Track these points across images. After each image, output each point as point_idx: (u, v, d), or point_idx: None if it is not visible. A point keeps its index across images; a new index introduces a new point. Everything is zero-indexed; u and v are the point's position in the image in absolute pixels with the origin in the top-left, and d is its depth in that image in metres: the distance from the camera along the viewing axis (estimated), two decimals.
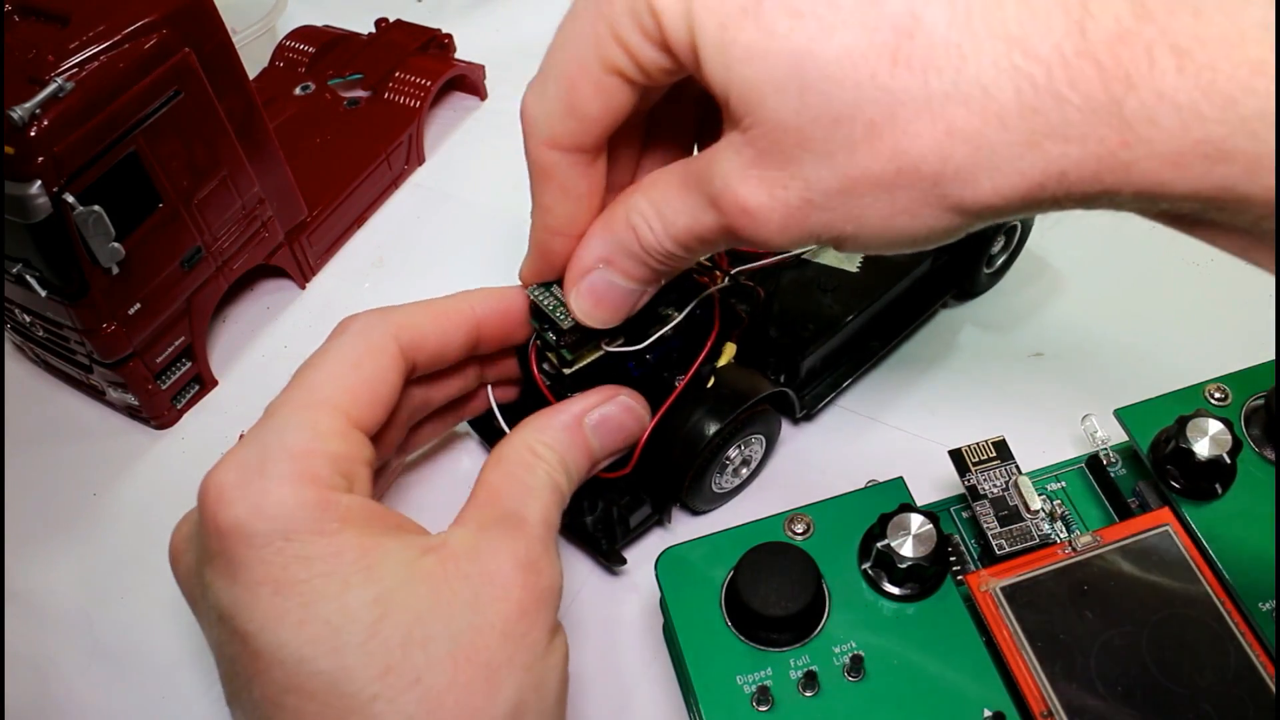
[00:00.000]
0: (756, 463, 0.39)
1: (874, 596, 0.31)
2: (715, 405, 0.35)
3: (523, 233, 0.49)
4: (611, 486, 0.37)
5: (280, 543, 0.25)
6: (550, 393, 0.35)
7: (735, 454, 0.37)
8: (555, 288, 0.32)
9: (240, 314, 0.48)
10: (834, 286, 0.40)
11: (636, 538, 0.38)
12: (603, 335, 0.33)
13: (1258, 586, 0.30)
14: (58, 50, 0.34)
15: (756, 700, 0.29)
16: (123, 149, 0.36)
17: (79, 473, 0.42)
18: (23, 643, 0.37)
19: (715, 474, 0.37)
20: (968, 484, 0.34)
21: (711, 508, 0.39)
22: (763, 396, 0.36)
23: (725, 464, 0.37)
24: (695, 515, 0.39)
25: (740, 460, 0.38)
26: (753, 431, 0.37)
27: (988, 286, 0.45)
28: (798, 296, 0.40)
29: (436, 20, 0.58)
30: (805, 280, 0.41)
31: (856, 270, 0.41)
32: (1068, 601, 0.30)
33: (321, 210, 0.48)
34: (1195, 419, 0.33)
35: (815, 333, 0.39)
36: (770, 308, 0.39)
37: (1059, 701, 0.28)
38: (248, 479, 0.25)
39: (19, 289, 0.37)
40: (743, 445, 0.37)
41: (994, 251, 0.44)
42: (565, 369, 0.33)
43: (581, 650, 0.36)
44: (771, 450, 0.40)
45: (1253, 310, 0.43)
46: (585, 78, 0.27)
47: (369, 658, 0.24)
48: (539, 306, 0.32)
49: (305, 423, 0.27)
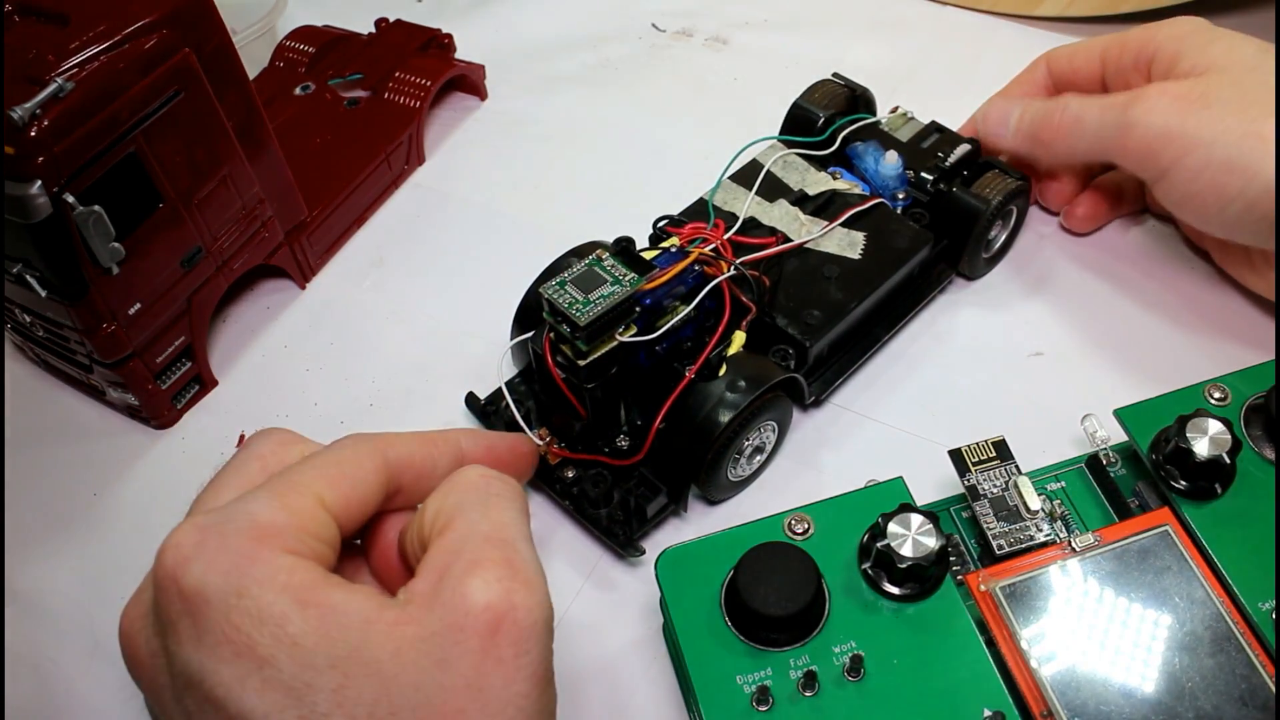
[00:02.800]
0: (770, 450, 0.39)
1: (874, 596, 0.31)
2: (728, 393, 0.35)
3: (522, 232, 0.49)
4: (627, 476, 0.37)
5: (233, 599, 0.24)
6: (565, 384, 0.36)
7: (749, 441, 0.37)
8: (570, 285, 0.34)
9: (240, 314, 0.48)
10: (837, 274, 0.41)
11: (654, 528, 0.38)
12: (615, 327, 0.34)
13: (1258, 586, 0.30)
14: (58, 50, 0.34)
15: (756, 700, 0.29)
16: (123, 149, 0.36)
17: (79, 473, 0.42)
18: (23, 643, 0.37)
19: (730, 462, 0.37)
20: (967, 484, 0.34)
21: (727, 496, 0.39)
22: (774, 383, 0.36)
23: (740, 451, 0.37)
24: (711, 505, 0.39)
25: (754, 448, 0.38)
26: (766, 419, 0.37)
27: (986, 270, 0.46)
28: (802, 284, 0.40)
29: (436, 20, 0.58)
30: (809, 268, 0.41)
31: (859, 257, 0.41)
32: (1066, 601, 0.30)
33: (321, 210, 0.48)
34: (1195, 419, 0.33)
35: (823, 319, 0.39)
36: (776, 296, 0.40)
37: (1059, 701, 0.29)
38: (205, 538, 0.25)
39: (19, 289, 0.37)
40: (757, 432, 0.37)
41: (991, 235, 0.44)
42: (580, 360, 0.34)
43: (581, 650, 0.36)
44: (784, 437, 0.40)
45: (1253, 310, 0.43)
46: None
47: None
48: (555, 304, 0.34)
49: (275, 497, 0.26)
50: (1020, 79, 0.47)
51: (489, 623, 0.25)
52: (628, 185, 0.52)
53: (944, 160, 0.44)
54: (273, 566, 0.24)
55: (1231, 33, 0.40)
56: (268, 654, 0.23)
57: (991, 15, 0.59)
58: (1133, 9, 0.55)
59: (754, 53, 0.59)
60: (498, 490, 0.28)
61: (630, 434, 0.38)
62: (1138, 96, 0.39)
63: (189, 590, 0.24)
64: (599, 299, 0.34)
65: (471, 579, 0.25)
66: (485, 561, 0.25)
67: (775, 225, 0.42)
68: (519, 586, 0.25)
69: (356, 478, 0.28)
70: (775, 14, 0.62)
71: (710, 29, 0.61)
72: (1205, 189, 0.38)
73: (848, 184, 0.44)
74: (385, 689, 0.24)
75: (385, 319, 0.47)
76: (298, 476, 0.27)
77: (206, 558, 0.24)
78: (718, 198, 0.43)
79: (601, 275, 0.34)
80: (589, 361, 0.34)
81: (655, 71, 0.59)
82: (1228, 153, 0.37)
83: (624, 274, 0.35)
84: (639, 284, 0.34)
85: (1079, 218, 0.46)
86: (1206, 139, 0.37)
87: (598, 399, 0.36)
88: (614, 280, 0.34)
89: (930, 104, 0.47)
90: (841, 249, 0.41)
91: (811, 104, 0.46)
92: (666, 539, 0.37)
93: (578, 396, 0.36)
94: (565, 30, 0.62)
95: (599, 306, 0.33)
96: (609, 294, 0.34)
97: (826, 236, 0.41)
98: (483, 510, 0.27)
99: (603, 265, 0.35)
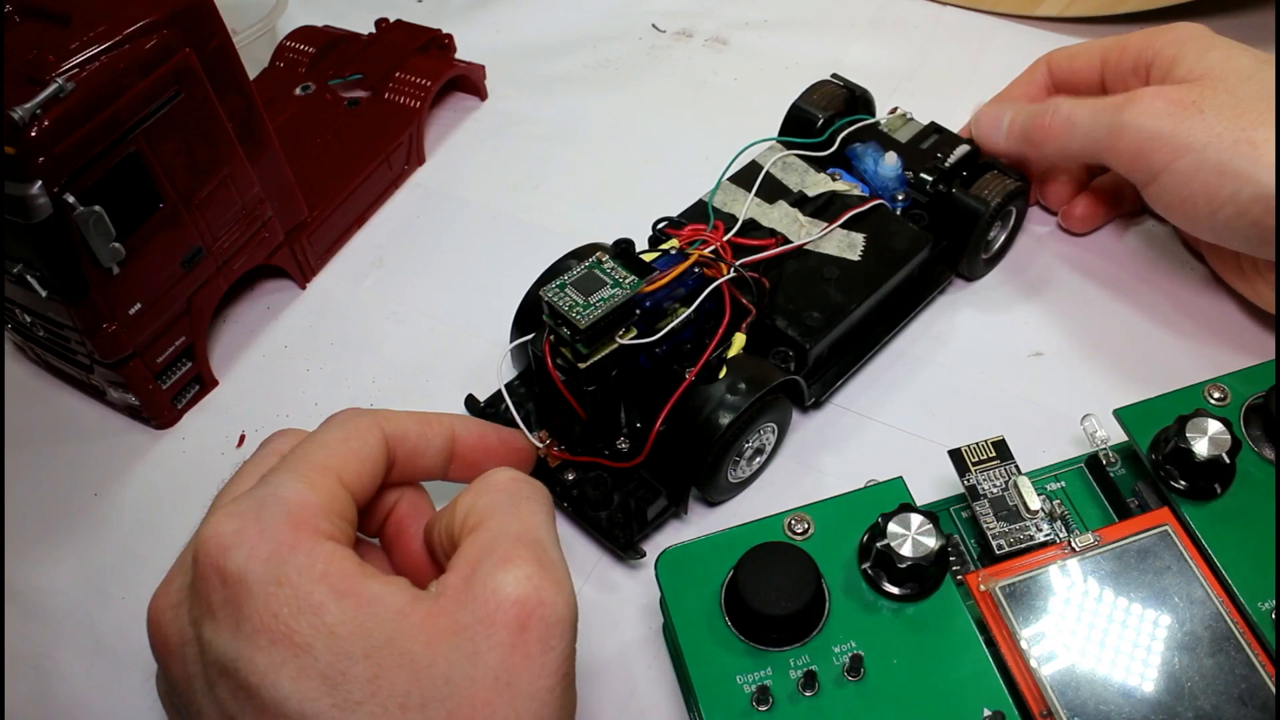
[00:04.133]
0: (770, 451, 0.39)
1: (874, 596, 0.31)
2: (729, 396, 0.36)
3: (522, 232, 0.49)
4: (627, 478, 0.37)
5: (273, 588, 0.24)
6: (565, 386, 0.36)
7: (750, 443, 0.37)
8: (569, 288, 0.34)
9: (240, 314, 0.48)
10: (836, 275, 0.41)
11: (654, 530, 0.38)
12: (615, 330, 0.34)
13: (1257, 586, 0.30)
14: (58, 50, 0.34)
15: (756, 700, 0.29)
16: (123, 149, 0.36)
17: (79, 473, 0.42)
18: (23, 642, 0.37)
19: (730, 464, 0.37)
20: (967, 484, 0.34)
21: (727, 498, 0.39)
22: (774, 385, 0.36)
23: (740, 453, 0.37)
24: (711, 506, 0.39)
25: (754, 450, 0.38)
26: (766, 420, 0.37)
27: (985, 272, 0.46)
28: (802, 286, 0.40)
29: (436, 20, 0.58)
30: (808, 270, 0.41)
31: (859, 259, 0.41)
32: (1066, 601, 0.31)
33: (321, 210, 0.48)
34: (1195, 419, 0.33)
35: (822, 321, 0.39)
36: (775, 298, 0.40)
37: (1058, 701, 0.29)
38: (244, 525, 0.25)
39: (19, 289, 0.37)
40: (757, 434, 0.37)
41: (990, 236, 0.44)
42: (580, 363, 0.34)
43: (581, 650, 0.35)
44: (784, 438, 0.40)
45: (1253, 310, 0.43)
46: None
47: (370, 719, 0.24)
48: (555, 307, 0.34)
49: (299, 478, 0.27)
50: (1021, 79, 0.47)
51: (518, 617, 0.25)
52: (628, 185, 0.52)
53: (943, 161, 0.44)
54: (311, 555, 0.25)
55: (1231, 41, 0.40)
56: (305, 642, 0.24)
57: (991, 15, 0.59)
58: (1133, 9, 0.55)
59: (754, 53, 0.59)
60: (528, 493, 0.29)
61: (630, 436, 0.38)
62: (1131, 99, 0.39)
63: (231, 577, 0.25)
64: (599, 302, 0.34)
65: (503, 574, 0.26)
66: (516, 558, 0.26)
67: (775, 227, 0.42)
68: (547, 584, 0.26)
69: (364, 454, 0.29)
70: (775, 14, 0.62)
71: (710, 29, 0.61)
72: (1196, 193, 0.38)
73: (847, 185, 0.44)
74: (417, 680, 0.24)
75: (385, 319, 0.47)
76: (315, 456, 0.28)
77: (248, 545, 0.25)
78: (717, 199, 0.43)
79: (601, 278, 0.34)
80: (589, 364, 0.34)
81: (655, 72, 0.59)
82: (1220, 158, 0.37)
83: (624, 276, 0.34)
84: (639, 286, 0.34)
85: (1077, 218, 0.47)
86: (1199, 144, 0.37)
87: (598, 401, 0.36)
88: (614, 283, 0.34)
89: (930, 105, 0.47)
90: (841, 250, 0.41)
91: (811, 105, 0.46)
92: (667, 540, 0.37)
93: (578, 399, 0.36)
94: (565, 30, 0.62)
95: (599, 309, 0.33)
96: (609, 297, 0.34)
97: (826, 238, 0.41)
98: (514, 511, 0.28)
99: (603, 268, 0.35)
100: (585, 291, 0.34)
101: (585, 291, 0.34)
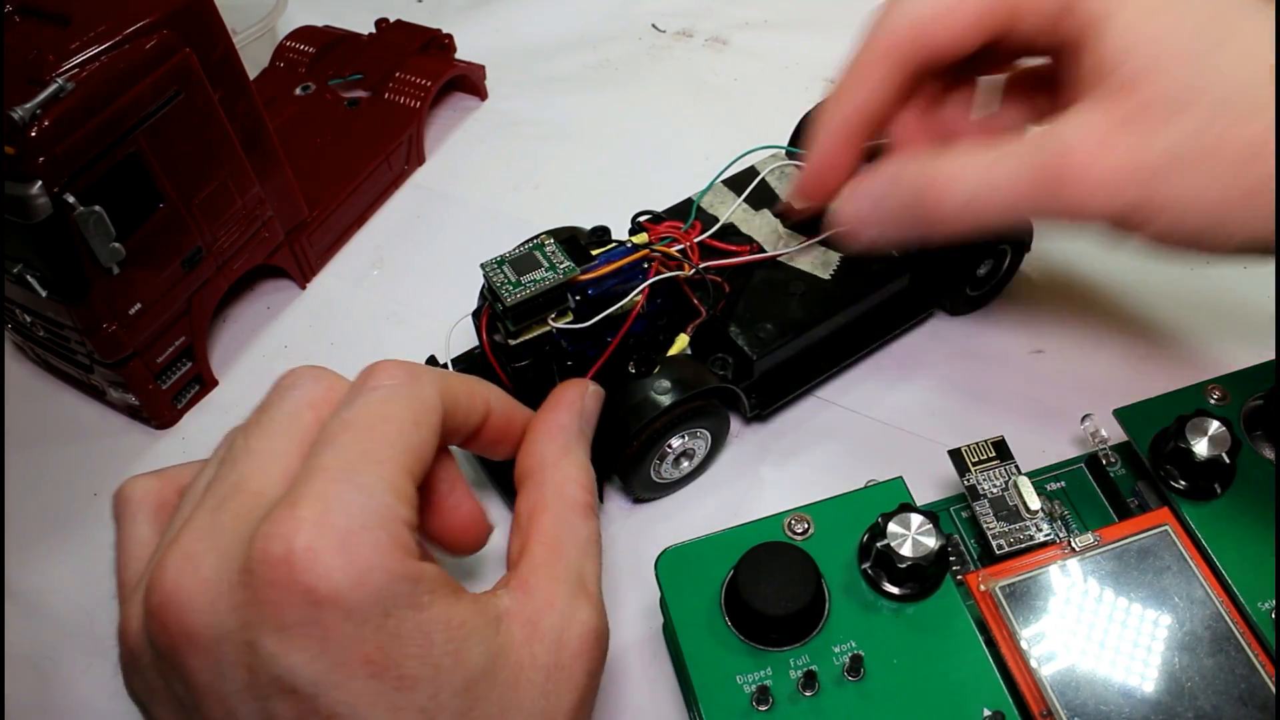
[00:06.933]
0: (701, 458, 0.39)
1: (874, 596, 0.31)
2: (653, 393, 0.36)
3: (522, 233, 0.49)
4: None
5: (380, 618, 0.23)
6: (495, 360, 0.37)
7: (677, 443, 0.37)
8: (506, 265, 0.35)
9: (240, 314, 0.48)
10: (802, 291, 0.40)
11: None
12: (546, 312, 0.35)
13: (1257, 586, 0.30)
14: (58, 50, 0.34)
15: (756, 700, 0.29)
16: (123, 149, 0.36)
17: (79, 473, 0.42)
18: (23, 642, 0.37)
19: (655, 460, 0.37)
20: (967, 484, 0.34)
21: (651, 496, 0.39)
22: (705, 390, 0.36)
23: (665, 452, 0.37)
24: (636, 503, 0.39)
25: (681, 451, 0.38)
26: (696, 425, 0.37)
27: (969, 310, 0.44)
28: (765, 297, 0.40)
29: (436, 20, 0.58)
30: (776, 282, 0.40)
31: (829, 278, 0.40)
32: (1066, 601, 0.31)
33: (321, 210, 0.48)
34: (1195, 419, 0.33)
35: (773, 334, 0.38)
36: (736, 306, 0.39)
37: (1058, 701, 0.29)
38: (345, 545, 0.23)
39: (19, 289, 0.37)
40: (685, 436, 0.37)
41: (980, 273, 0.43)
42: (510, 340, 0.35)
43: None
44: (719, 449, 0.40)
45: (1253, 310, 0.43)
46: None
47: None
48: (490, 280, 0.35)
49: (386, 484, 0.25)
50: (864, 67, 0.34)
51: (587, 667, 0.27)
52: (627, 186, 0.52)
53: None
54: (415, 584, 0.24)
55: None
56: (411, 676, 0.23)
57: None
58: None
59: (754, 53, 0.59)
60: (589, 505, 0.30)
61: None
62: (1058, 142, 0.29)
63: (325, 600, 0.22)
64: (530, 283, 0.34)
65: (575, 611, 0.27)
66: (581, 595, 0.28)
67: (753, 235, 0.41)
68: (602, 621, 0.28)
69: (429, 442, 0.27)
70: (775, 15, 0.62)
71: (710, 30, 0.61)
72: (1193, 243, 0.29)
73: None
74: (504, 715, 0.25)
75: (385, 319, 0.47)
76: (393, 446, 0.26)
77: (355, 570, 0.23)
78: (705, 200, 0.43)
79: (539, 260, 0.35)
80: (518, 342, 0.35)
81: (655, 72, 0.59)
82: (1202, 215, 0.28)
83: (561, 262, 0.35)
84: (572, 274, 0.35)
85: None
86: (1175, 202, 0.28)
87: (527, 379, 0.37)
88: (550, 266, 0.35)
89: None
90: (813, 267, 0.41)
91: None
92: (665, 539, 0.37)
93: (506, 373, 0.37)
94: (565, 30, 0.62)
95: (528, 290, 0.34)
96: (540, 279, 0.34)
97: (801, 253, 0.41)
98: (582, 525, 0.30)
99: (544, 250, 0.35)
100: (520, 271, 0.35)
101: (520, 271, 0.35)
